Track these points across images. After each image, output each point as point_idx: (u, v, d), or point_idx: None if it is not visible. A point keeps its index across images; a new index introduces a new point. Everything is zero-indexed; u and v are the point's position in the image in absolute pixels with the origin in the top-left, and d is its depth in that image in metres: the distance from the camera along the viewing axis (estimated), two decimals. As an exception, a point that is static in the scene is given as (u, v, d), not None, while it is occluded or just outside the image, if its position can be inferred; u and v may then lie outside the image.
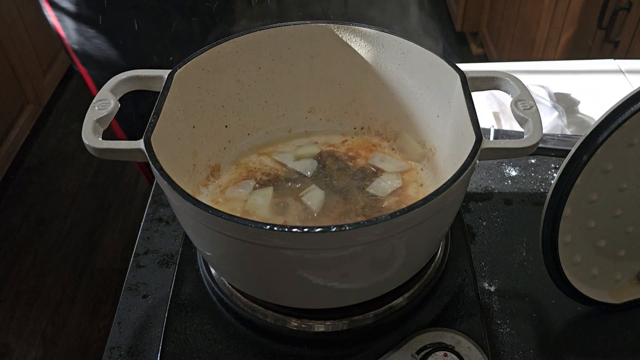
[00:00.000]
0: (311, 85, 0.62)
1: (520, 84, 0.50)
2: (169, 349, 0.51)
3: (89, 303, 1.60)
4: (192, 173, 0.56)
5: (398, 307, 0.52)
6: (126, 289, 0.60)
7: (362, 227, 0.38)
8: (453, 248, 0.59)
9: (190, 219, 0.43)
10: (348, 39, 0.59)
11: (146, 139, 0.45)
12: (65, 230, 1.80)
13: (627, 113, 0.44)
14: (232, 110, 0.60)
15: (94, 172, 2.01)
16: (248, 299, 0.53)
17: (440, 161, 0.57)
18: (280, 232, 0.38)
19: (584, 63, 1.01)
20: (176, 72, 0.52)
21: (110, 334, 0.56)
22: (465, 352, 0.49)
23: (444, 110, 0.55)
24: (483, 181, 0.71)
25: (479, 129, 0.45)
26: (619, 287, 0.56)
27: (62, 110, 2.29)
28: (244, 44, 0.57)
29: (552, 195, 0.48)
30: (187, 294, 0.56)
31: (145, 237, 0.65)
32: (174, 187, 0.41)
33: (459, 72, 0.51)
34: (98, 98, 0.49)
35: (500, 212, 0.67)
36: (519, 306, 0.57)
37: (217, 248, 0.46)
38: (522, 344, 0.54)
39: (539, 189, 0.70)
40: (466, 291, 0.55)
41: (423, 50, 0.55)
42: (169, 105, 0.50)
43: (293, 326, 0.51)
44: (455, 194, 0.43)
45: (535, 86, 0.91)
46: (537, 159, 0.74)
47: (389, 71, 0.59)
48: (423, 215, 0.41)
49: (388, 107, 0.61)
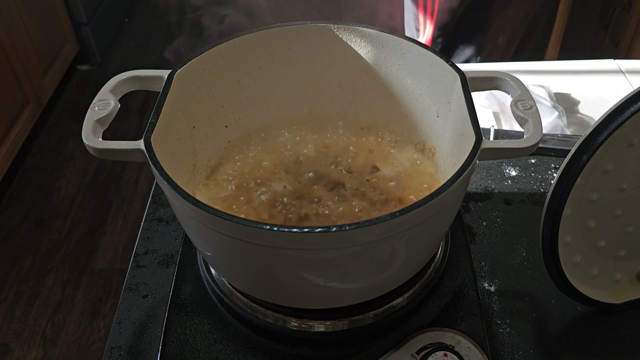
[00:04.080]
0: (311, 85, 0.62)
1: (520, 84, 0.50)
2: (169, 349, 0.51)
3: (89, 303, 1.60)
4: (192, 173, 0.56)
5: (398, 307, 0.52)
6: (126, 289, 0.60)
7: (362, 227, 0.38)
8: (453, 248, 0.59)
9: (190, 219, 0.43)
10: (348, 39, 0.59)
11: (146, 139, 0.45)
12: (65, 230, 1.80)
13: (627, 113, 0.44)
14: (232, 110, 0.60)
15: (94, 172, 2.01)
16: (248, 299, 0.53)
17: (440, 161, 0.57)
18: (280, 232, 0.38)
19: (584, 63, 1.01)
20: (176, 72, 0.52)
21: (110, 334, 0.56)
22: (465, 352, 0.49)
23: (444, 110, 0.55)
24: (483, 181, 0.71)
25: (479, 129, 0.45)
26: (619, 287, 0.56)
27: (62, 110, 2.29)
28: (244, 44, 0.57)
29: (552, 195, 0.48)
30: (187, 294, 0.56)
31: (145, 237, 0.65)
32: (174, 187, 0.41)
33: (459, 72, 0.51)
34: (98, 98, 0.49)
35: (500, 212, 0.67)
36: (519, 306, 0.57)
37: (217, 248, 0.46)
38: (522, 344, 0.54)
39: (539, 189, 0.70)
40: (466, 291, 0.55)
41: (423, 51, 0.55)
42: (169, 106, 0.50)
43: (293, 326, 0.51)
44: (455, 194, 0.43)
45: (535, 86, 0.91)
46: (537, 159, 0.74)
47: (389, 71, 0.59)
48: (423, 215, 0.41)
49: (388, 107, 0.61)
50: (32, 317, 1.56)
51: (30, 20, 2.04)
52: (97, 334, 1.53)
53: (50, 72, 2.22)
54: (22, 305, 1.59)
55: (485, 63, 0.98)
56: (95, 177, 1.99)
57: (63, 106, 2.31)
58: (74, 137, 2.14)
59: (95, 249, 1.75)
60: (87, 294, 1.62)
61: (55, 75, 2.26)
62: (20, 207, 1.88)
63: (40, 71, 2.14)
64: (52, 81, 2.24)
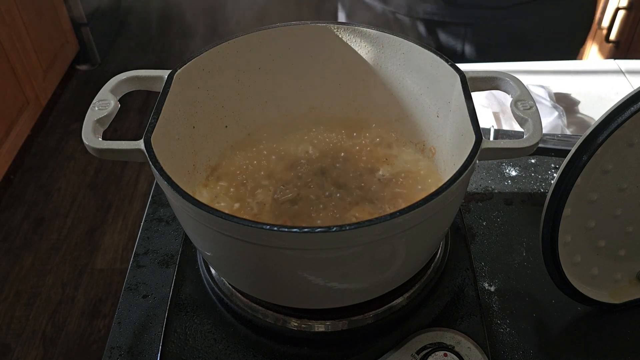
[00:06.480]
0: (311, 85, 0.62)
1: (520, 84, 0.50)
2: (169, 349, 0.51)
3: (89, 303, 1.60)
4: (192, 173, 0.56)
5: (398, 307, 0.52)
6: (126, 289, 0.60)
7: (362, 227, 0.38)
8: (453, 248, 0.59)
9: (190, 219, 0.43)
10: (348, 39, 0.59)
11: (146, 139, 0.45)
12: (65, 230, 1.81)
13: (627, 113, 0.44)
14: (232, 110, 0.60)
15: (94, 172, 2.01)
16: (248, 299, 0.53)
17: (440, 161, 0.57)
18: (280, 232, 0.38)
19: (584, 63, 1.01)
20: (176, 73, 0.52)
21: (110, 334, 0.56)
22: (465, 352, 0.49)
23: (444, 110, 0.55)
24: (483, 181, 0.71)
25: (479, 129, 0.45)
26: (619, 287, 0.56)
27: (62, 110, 2.29)
28: (244, 44, 0.57)
29: (552, 195, 0.48)
30: (187, 294, 0.56)
31: (145, 237, 0.65)
32: (174, 187, 0.41)
33: (459, 72, 0.51)
34: (98, 98, 0.49)
35: (500, 212, 0.67)
36: (519, 306, 0.57)
37: (217, 248, 0.46)
38: (522, 344, 0.54)
39: (539, 189, 0.70)
40: (466, 291, 0.55)
41: (423, 51, 0.55)
42: (169, 106, 0.50)
43: (293, 326, 0.51)
44: (455, 194, 0.43)
45: (535, 86, 0.91)
46: (537, 159, 0.74)
47: (389, 71, 0.59)
48: (423, 215, 0.41)
49: (388, 107, 0.61)
50: (32, 317, 1.56)
51: (30, 20, 2.05)
52: (97, 334, 1.53)
53: (50, 72, 2.22)
54: (22, 305, 1.59)
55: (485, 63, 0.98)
56: (95, 177, 2.00)
57: (63, 106, 2.31)
58: (74, 137, 2.15)
59: (95, 249, 1.75)
60: (87, 294, 1.62)
61: (55, 75, 2.27)
62: (20, 207, 1.88)
63: (40, 71, 2.14)
64: (52, 81, 2.24)
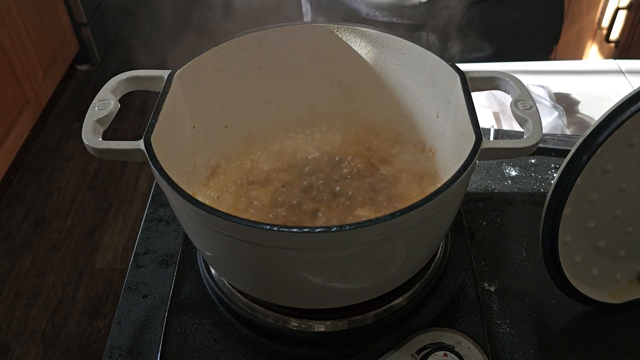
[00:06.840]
0: (311, 85, 0.62)
1: (520, 84, 0.50)
2: (169, 349, 0.51)
3: (89, 303, 1.60)
4: (192, 173, 0.56)
5: (398, 307, 0.52)
6: (126, 289, 0.60)
7: (362, 227, 0.38)
8: (453, 248, 0.59)
9: (190, 219, 0.43)
10: (348, 39, 0.59)
11: (146, 139, 0.45)
12: (65, 230, 1.80)
13: (627, 113, 0.44)
14: (232, 110, 0.60)
15: (94, 172, 2.01)
16: (248, 299, 0.53)
17: (440, 161, 0.57)
18: (280, 232, 0.38)
19: (584, 63, 1.01)
20: (176, 73, 0.52)
21: (110, 334, 0.56)
22: (465, 352, 0.49)
23: (444, 110, 0.55)
24: (483, 181, 0.71)
25: (479, 129, 0.45)
26: (619, 287, 0.56)
27: (62, 110, 2.29)
28: (244, 44, 0.57)
29: (552, 195, 0.48)
30: (187, 294, 0.56)
31: (145, 237, 0.65)
32: (174, 187, 0.41)
33: (459, 72, 0.51)
34: (98, 98, 0.49)
35: (500, 212, 0.67)
36: (519, 306, 0.57)
37: (217, 248, 0.46)
38: (522, 344, 0.54)
39: (539, 189, 0.70)
40: (466, 291, 0.55)
41: (423, 51, 0.55)
42: (169, 106, 0.50)
43: (293, 326, 0.51)
44: (455, 194, 0.43)
45: (535, 86, 0.91)
46: (537, 159, 0.74)
47: (389, 71, 0.59)
48: (423, 215, 0.41)
49: (388, 107, 0.61)
50: (32, 317, 1.56)
51: (30, 20, 2.05)
52: (97, 334, 1.53)
53: (50, 72, 2.22)
54: (22, 305, 1.59)
55: (485, 63, 0.98)
56: (95, 177, 2.00)
57: (63, 106, 2.31)
58: (74, 137, 2.15)
59: (95, 249, 1.75)
60: (87, 294, 1.62)
61: (55, 75, 2.27)
62: (20, 207, 1.88)
63: (40, 71, 2.14)
64: (52, 81, 2.24)
